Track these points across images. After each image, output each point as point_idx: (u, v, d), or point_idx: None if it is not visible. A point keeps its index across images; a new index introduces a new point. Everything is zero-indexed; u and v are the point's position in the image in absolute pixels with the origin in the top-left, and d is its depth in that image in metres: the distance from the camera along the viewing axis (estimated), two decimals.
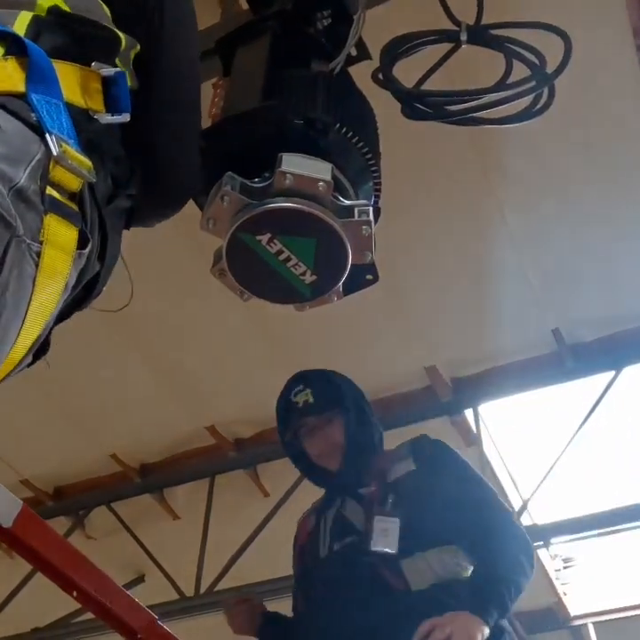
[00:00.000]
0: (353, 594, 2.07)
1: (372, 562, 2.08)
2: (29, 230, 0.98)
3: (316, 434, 2.40)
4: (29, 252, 0.98)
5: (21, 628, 5.13)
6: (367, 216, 1.39)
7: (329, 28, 1.82)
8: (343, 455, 2.35)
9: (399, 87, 1.72)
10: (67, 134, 1.05)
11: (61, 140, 1.03)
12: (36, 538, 1.97)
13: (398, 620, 1.98)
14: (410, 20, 2.21)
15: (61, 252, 1.01)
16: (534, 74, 1.70)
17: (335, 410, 2.41)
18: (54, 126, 1.04)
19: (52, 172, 1.01)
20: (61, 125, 1.05)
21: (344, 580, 2.12)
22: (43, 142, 1.02)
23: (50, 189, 1.01)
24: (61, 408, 4.52)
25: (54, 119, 1.04)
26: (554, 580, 5.44)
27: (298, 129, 1.41)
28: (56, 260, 1.01)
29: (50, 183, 1.01)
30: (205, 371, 4.36)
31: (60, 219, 1.02)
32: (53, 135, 1.03)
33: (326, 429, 2.39)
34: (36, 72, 1.06)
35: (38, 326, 1.01)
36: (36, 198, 0.99)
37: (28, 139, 1.02)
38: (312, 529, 2.38)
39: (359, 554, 2.11)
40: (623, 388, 4.21)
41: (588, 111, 3.17)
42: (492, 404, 4.45)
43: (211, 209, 1.39)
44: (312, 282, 1.42)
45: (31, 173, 0.99)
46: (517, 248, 3.70)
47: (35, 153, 1.01)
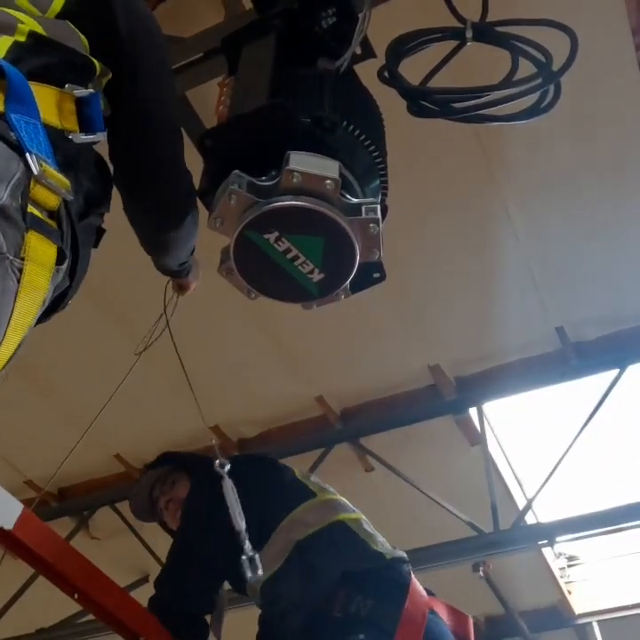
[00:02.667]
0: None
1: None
2: (12, 247, 0.99)
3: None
4: (12, 267, 0.99)
5: (26, 629, 5.12)
6: (375, 214, 1.39)
7: (334, 27, 1.82)
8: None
9: (405, 85, 1.71)
10: (45, 153, 1.07)
11: (40, 159, 1.05)
12: (37, 540, 1.97)
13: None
14: (415, 18, 2.21)
15: (42, 268, 1.04)
16: (540, 71, 1.69)
17: (176, 472, 2.78)
18: (33, 146, 1.06)
19: (32, 191, 1.04)
20: (40, 145, 1.07)
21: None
22: (22, 161, 1.04)
23: (31, 207, 1.03)
24: (64, 409, 4.52)
25: (33, 139, 1.06)
26: (558, 579, 5.44)
27: (305, 127, 1.41)
28: (37, 276, 1.03)
29: (30, 201, 1.04)
30: (209, 371, 4.35)
31: (41, 236, 1.04)
32: (33, 154, 1.05)
33: (172, 494, 2.72)
34: (15, 93, 1.08)
35: (18, 337, 1.02)
36: (17, 216, 1.01)
37: (8, 157, 1.03)
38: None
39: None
40: (627, 386, 4.20)
41: (587, 111, 3.17)
42: (497, 402, 4.44)
43: (218, 207, 1.39)
44: (320, 280, 1.42)
45: (12, 191, 1.01)
46: (522, 247, 3.69)
47: (14, 171, 1.02)
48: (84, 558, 2.14)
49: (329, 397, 4.48)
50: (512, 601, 5.27)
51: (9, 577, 4.96)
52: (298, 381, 4.40)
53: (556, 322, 4.04)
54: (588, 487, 4.94)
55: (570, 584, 5.57)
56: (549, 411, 4.61)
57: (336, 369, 4.33)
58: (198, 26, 2.60)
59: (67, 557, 2.08)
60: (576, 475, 4.67)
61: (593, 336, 4.12)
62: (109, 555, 4.99)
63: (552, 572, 5.36)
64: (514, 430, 4.68)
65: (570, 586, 5.56)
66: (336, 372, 4.34)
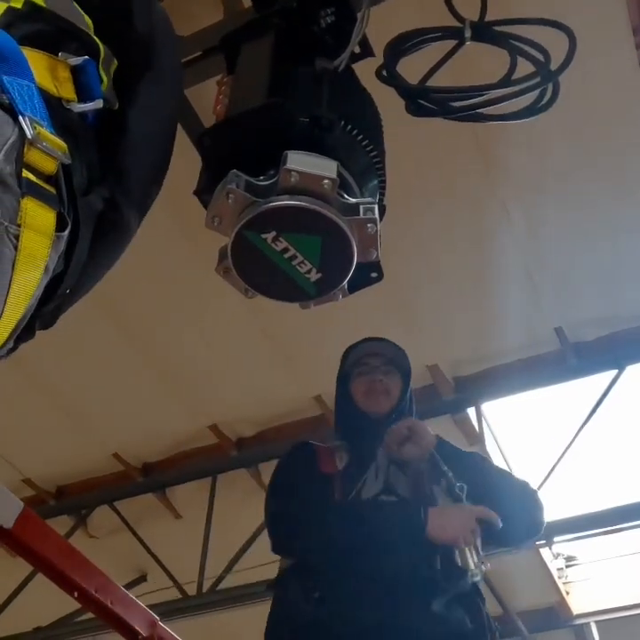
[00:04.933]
0: (399, 549, 2.01)
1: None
2: (7, 213, 0.97)
3: (376, 376, 2.38)
4: (7, 234, 0.96)
5: (23, 627, 5.13)
6: (372, 214, 1.38)
7: (333, 26, 1.81)
8: (392, 407, 2.32)
9: (404, 84, 1.71)
10: (40, 116, 1.04)
11: (35, 121, 1.02)
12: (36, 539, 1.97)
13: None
14: (413, 17, 2.21)
15: (40, 235, 1.00)
16: (539, 70, 1.69)
17: (398, 373, 2.41)
18: (27, 108, 1.02)
19: (26, 155, 1.00)
20: (34, 107, 1.04)
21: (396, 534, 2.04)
22: (16, 124, 1.00)
23: (26, 172, 1.00)
24: (63, 408, 4.52)
25: (26, 101, 1.03)
26: (556, 579, 5.44)
27: (303, 126, 1.40)
28: (35, 243, 1.00)
29: (25, 166, 1.00)
30: (208, 370, 4.35)
31: (38, 201, 1.00)
32: (27, 117, 1.01)
33: (386, 377, 2.38)
34: (5, 55, 1.04)
35: (20, 309, 1.00)
36: (12, 181, 0.98)
37: (1, 121, 1.00)
38: (345, 466, 2.27)
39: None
40: (626, 387, 4.20)
41: (587, 111, 3.16)
42: (495, 402, 4.45)
43: (216, 207, 1.38)
44: (317, 280, 1.41)
45: (6, 156, 0.98)
46: (520, 247, 3.69)
47: (8, 135, 0.99)
48: (83, 557, 2.15)
49: (327, 397, 4.48)
50: (510, 601, 5.27)
51: (6, 575, 4.97)
52: (296, 381, 4.40)
53: (555, 322, 4.05)
54: (586, 487, 4.94)
55: (568, 584, 5.57)
56: (548, 411, 4.61)
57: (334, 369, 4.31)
58: (197, 24, 2.59)
59: (66, 556, 2.09)
60: (574, 475, 4.67)
61: (591, 336, 4.13)
62: (107, 553, 4.99)
63: (550, 572, 5.36)
64: (512, 430, 4.68)
65: (568, 586, 5.56)
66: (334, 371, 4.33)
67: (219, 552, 4.71)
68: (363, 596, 1.96)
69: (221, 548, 4.71)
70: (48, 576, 2.09)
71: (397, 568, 1.96)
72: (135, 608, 2.32)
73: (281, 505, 2.22)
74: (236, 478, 4.90)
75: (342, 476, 2.20)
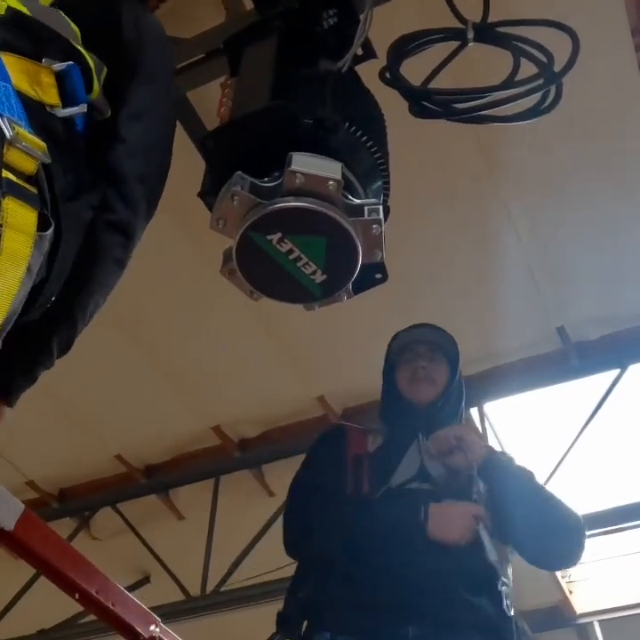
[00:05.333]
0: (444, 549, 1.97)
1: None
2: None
3: (419, 363, 2.32)
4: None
5: (27, 630, 5.13)
6: (377, 215, 1.39)
7: (335, 27, 1.82)
8: (437, 395, 2.27)
9: (407, 85, 1.72)
10: (17, 116, 1.04)
11: (13, 122, 1.02)
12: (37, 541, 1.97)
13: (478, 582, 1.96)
14: (416, 18, 2.21)
15: (22, 235, 1.00)
16: (542, 72, 1.70)
17: (445, 359, 2.37)
18: (4, 109, 1.03)
19: (6, 155, 1.00)
20: (11, 107, 1.04)
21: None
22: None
23: (5, 172, 1.00)
24: (66, 410, 4.52)
25: (4, 101, 1.03)
26: (559, 578, 5.43)
27: (307, 128, 1.40)
28: (17, 243, 0.99)
29: (5, 166, 1.00)
30: (210, 371, 4.36)
31: (19, 201, 1.00)
32: (5, 117, 1.01)
33: (431, 364, 2.32)
34: None
35: (3, 307, 0.99)
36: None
37: None
38: (374, 451, 2.22)
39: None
40: (628, 386, 4.20)
41: (587, 111, 3.17)
42: (497, 402, 4.45)
43: (220, 209, 1.39)
44: (322, 281, 1.42)
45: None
46: (522, 246, 3.70)
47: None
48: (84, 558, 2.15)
49: (330, 397, 4.49)
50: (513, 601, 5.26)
51: (10, 578, 4.97)
52: (299, 381, 4.40)
53: (557, 321, 4.05)
54: (588, 487, 4.94)
55: (571, 584, 5.56)
56: (550, 410, 4.61)
57: (337, 369, 4.33)
58: (200, 26, 2.60)
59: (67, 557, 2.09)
60: (577, 474, 4.67)
61: (594, 336, 4.13)
62: (110, 555, 4.99)
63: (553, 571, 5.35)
64: (515, 430, 4.68)
65: (571, 585, 5.56)
66: (338, 372, 4.35)
67: (222, 553, 4.71)
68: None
69: (225, 550, 4.71)
70: (49, 578, 2.09)
71: (409, 564, 1.95)
72: (136, 609, 2.32)
73: (295, 505, 2.20)
74: (240, 479, 4.91)
75: (372, 458, 2.17)
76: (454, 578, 1.91)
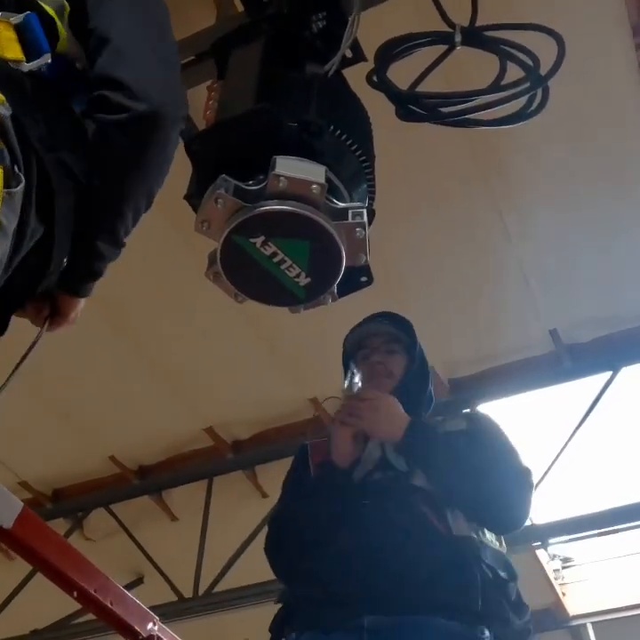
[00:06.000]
0: (398, 523, 1.89)
1: (416, 499, 1.93)
2: None
3: (375, 358, 2.27)
4: None
5: (20, 630, 5.13)
6: (361, 218, 1.40)
7: (324, 31, 1.82)
8: (395, 387, 2.20)
9: (393, 89, 1.72)
10: None
11: None
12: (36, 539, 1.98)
13: (439, 559, 1.82)
14: (404, 21, 2.21)
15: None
16: (528, 75, 1.70)
17: (402, 349, 2.30)
18: None
19: None
20: None
21: (386, 508, 1.93)
22: None
23: None
24: (60, 411, 4.52)
25: None
26: (552, 580, 5.44)
27: (292, 132, 1.41)
28: None
29: None
30: (204, 372, 4.36)
31: None
32: None
33: (388, 357, 2.26)
34: None
35: None
36: None
37: None
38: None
39: (404, 490, 1.96)
40: (620, 389, 4.21)
41: (587, 112, 3.17)
42: (490, 404, 4.45)
43: (205, 211, 1.39)
44: (306, 284, 1.42)
45: None
46: (515, 248, 3.70)
47: None
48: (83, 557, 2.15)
49: (323, 399, 4.49)
50: None
51: (3, 578, 4.97)
52: (292, 383, 4.40)
53: (550, 324, 4.05)
54: (581, 489, 4.95)
55: (564, 586, 5.57)
56: (543, 412, 4.61)
57: (330, 371, 4.31)
58: (190, 28, 2.60)
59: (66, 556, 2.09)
60: (570, 476, 4.68)
61: (586, 338, 4.13)
62: (104, 556, 4.98)
63: (546, 573, 5.36)
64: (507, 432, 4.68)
65: (564, 587, 5.57)
66: (330, 374, 4.33)
67: (215, 554, 4.71)
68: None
69: (218, 551, 4.71)
70: (48, 576, 2.09)
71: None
72: (135, 608, 2.33)
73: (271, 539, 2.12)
74: (233, 481, 4.91)
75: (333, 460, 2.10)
76: (407, 556, 1.80)
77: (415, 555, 1.80)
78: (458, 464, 1.97)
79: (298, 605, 1.89)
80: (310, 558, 1.90)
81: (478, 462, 1.99)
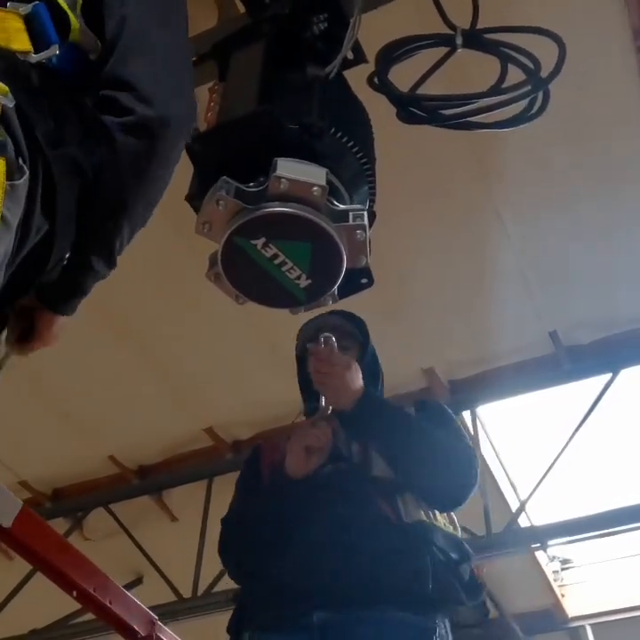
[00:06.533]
0: (345, 516, 1.86)
1: (369, 490, 1.91)
2: None
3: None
4: None
5: (19, 630, 5.12)
6: (362, 220, 1.40)
7: (325, 32, 1.82)
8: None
9: (394, 91, 1.72)
10: None
11: None
12: (35, 538, 1.98)
13: (389, 547, 1.79)
14: (405, 24, 2.22)
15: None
16: (529, 78, 1.71)
17: (354, 344, 2.27)
18: None
19: None
20: None
21: (336, 501, 1.90)
22: None
23: None
24: (60, 410, 4.52)
25: None
26: (552, 582, 5.45)
27: (293, 134, 1.41)
28: None
29: None
30: (204, 373, 4.36)
31: None
32: None
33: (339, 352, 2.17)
34: None
35: None
36: None
37: None
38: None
39: (355, 480, 1.94)
40: (620, 391, 4.21)
41: (586, 113, 3.18)
42: (490, 405, 4.46)
43: (206, 213, 1.40)
44: (307, 286, 1.43)
45: None
46: (515, 250, 3.70)
47: None
48: (82, 556, 2.16)
49: None
50: (505, 604, 5.28)
51: (2, 578, 4.97)
52: (292, 384, 4.39)
53: (550, 326, 4.06)
54: (581, 490, 4.95)
55: (563, 587, 5.58)
56: (542, 414, 4.62)
57: None
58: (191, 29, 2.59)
59: (65, 555, 2.09)
60: (569, 478, 4.68)
61: (586, 340, 4.13)
62: (103, 556, 4.97)
63: (545, 575, 5.37)
64: (507, 433, 4.69)
65: (563, 589, 5.57)
66: None
67: (214, 555, 4.67)
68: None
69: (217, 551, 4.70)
70: (47, 575, 2.09)
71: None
72: (134, 607, 2.33)
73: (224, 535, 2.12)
74: (232, 481, 4.79)
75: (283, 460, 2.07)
76: (354, 548, 1.77)
77: (362, 546, 1.77)
78: (409, 436, 1.95)
79: (251, 605, 1.87)
80: (260, 558, 1.89)
81: (429, 436, 1.96)
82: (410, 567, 1.74)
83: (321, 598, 1.73)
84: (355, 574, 1.73)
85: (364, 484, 1.92)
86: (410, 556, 1.76)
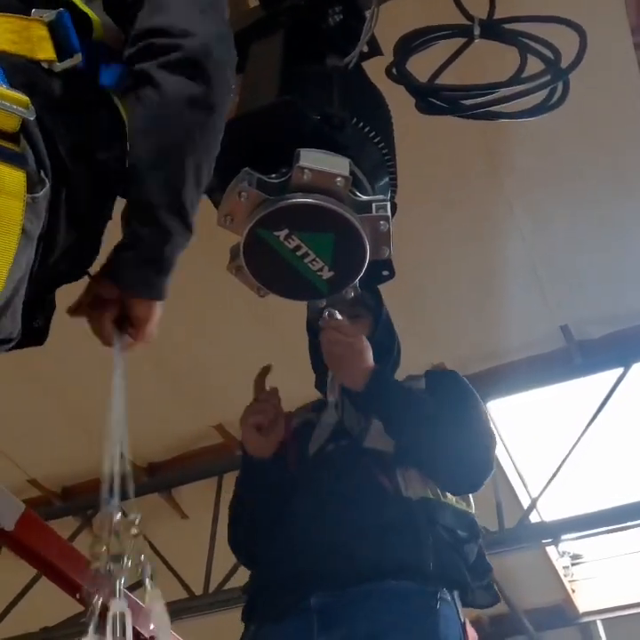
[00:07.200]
0: (343, 491, 1.81)
1: (366, 462, 1.85)
2: None
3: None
4: None
5: (31, 628, 5.13)
6: (385, 211, 1.39)
7: (341, 24, 1.82)
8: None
9: (414, 82, 1.71)
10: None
11: None
12: (37, 540, 1.97)
13: (387, 521, 1.74)
14: (422, 15, 2.20)
15: (9, 198, 0.95)
16: (549, 68, 1.69)
17: (367, 312, 2.18)
18: None
19: None
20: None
21: (335, 478, 1.86)
22: None
23: None
24: (69, 408, 4.52)
25: None
26: (562, 577, 5.44)
27: (315, 124, 1.40)
28: (5, 207, 0.94)
29: None
30: (213, 369, 4.35)
31: (1, 162, 0.95)
32: None
33: (353, 322, 2.06)
34: None
35: (1, 275, 0.93)
36: None
37: None
38: (298, 427, 2.13)
39: (353, 454, 1.88)
40: (632, 385, 4.20)
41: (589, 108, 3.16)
42: (501, 401, 4.44)
43: (228, 205, 1.39)
44: (329, 278, 1.42)
45: None
46: (526, 245, 3.69)
47: None
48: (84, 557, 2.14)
49: None
50: (516, 599, 5.27)
51: (14, 575, 4.97)
52: (302, 380, 4.39)
53: (561, 320, 4.04)
54: (592, 486, 4.93)
55: (574, 582, 5.56)
56: (554, 409, 4.60)
57: None
58: None
59: (67, 557, 2.09)
60: (581, 473, 4.67)
61: (597, 334, 4.12)
62: None
63: (556, 570, 5.36)
64: (518, 429, 4.67)
65: (574, 584, 5.56)
66: None
67: (226, 552, 4.66)
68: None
69: (228, 548, 4.69)
70: (50, 578, 2.09)
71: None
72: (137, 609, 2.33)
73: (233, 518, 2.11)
74: None
75: (296, 434, 2.05)
76: (350, 524, 1.72)
77: (358, 520, 1.72)
78: (419, 418, 1.86)
79: (257, 595, 1.84)
80: (262, 545, 1.87)
81: (442, 419, 1.87)
82: (408, 542, 1.68)
83: (320, 579, 1.68)
84: (351, 550, 1.67)
85: (361, 456, 1.86)
86: (409, 532, 1.70)
